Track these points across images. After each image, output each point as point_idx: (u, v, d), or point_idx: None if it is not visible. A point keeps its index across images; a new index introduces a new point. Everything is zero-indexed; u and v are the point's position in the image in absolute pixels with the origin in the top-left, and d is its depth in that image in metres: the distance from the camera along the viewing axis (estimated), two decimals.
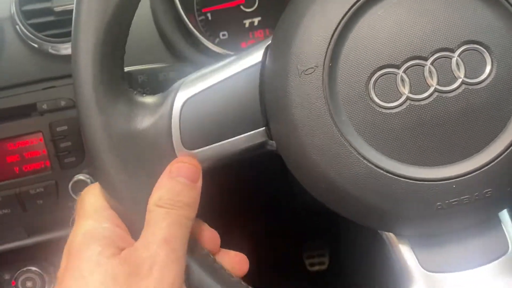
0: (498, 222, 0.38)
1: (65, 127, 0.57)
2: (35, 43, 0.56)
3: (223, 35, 0.63)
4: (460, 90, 0.34)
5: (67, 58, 0.55)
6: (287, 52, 0.35)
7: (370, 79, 0.34)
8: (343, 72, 0.34)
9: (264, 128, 0.38)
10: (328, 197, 0.36)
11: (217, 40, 0.63)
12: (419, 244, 0.38)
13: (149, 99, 0.38)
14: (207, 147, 0.38)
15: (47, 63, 0.56)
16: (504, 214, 0.38)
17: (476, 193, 0.34)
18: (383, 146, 0.34)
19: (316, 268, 0.98)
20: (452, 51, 0.33)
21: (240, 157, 0.39)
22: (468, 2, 0.34)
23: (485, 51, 0.33)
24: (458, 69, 0.34)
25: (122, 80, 0.37)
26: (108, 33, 0.35)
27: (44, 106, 0.57)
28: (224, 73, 0.38)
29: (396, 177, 0.34)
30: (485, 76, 0.34)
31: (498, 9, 0.34)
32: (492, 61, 0.33)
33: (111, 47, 0.36)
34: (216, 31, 0.63)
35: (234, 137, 0.37)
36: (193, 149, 0.37)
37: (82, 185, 0.58)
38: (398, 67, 0.34)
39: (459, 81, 0.34)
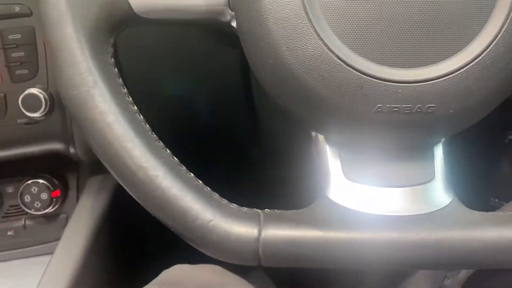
0: (430, 153, 0.37)
1: (18, 35, 0.53)
2: None
3: None
4: None
5: None
6: None
7: None
8: None
9: None
10: (273, 75, 0.34)
11: None
12: (346, 152, 0.37)
13: None
14: None
15: None
16: (438, 148, 0.37)
17: (419, 105, 0.32)
18: (342, 32, 0.32)
19: None
20: None
21: (189, 23, 0.38)
22: None
23: None
24: None
25: None
26: None
27: None
28: None
29: (345, 66, 0.32)
30: None
31: None
32: None
33: None
34: None
35: None
36: None
37: (34, 100, 0.54)
38: None
39: None
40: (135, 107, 0.36)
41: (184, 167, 0.36)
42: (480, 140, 0.75)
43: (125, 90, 0.36)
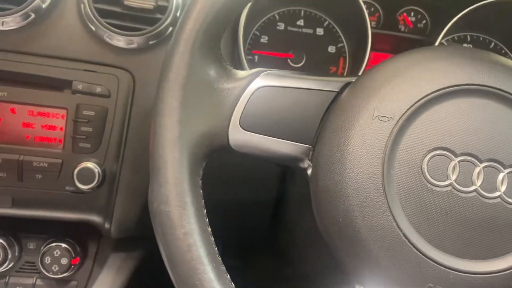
0: None
1: (92, 113, 0.57)
2: (93, 26, 0.57)
3: None
4: (495, 201, 0.37)
5: (117, 50, 0.57)
6: (368, 97, 0.39)
7: (428, 154, 0.37)
8: (409, 137, 0.37)
9: (310, 147, 0.41)
10: (338, 232, 0.39)
11: None
12: None
13: (232, 69, 0.43)
14: (257, 134, 0.41)
15: (97, 48, 0.57)
16: None
17: None
18: (411, 213, 0.37)
19: None
20: (504, 166, 0.37)
21: (273, 160, 0.42)
22: None
23: None
24: (501, 184, 0.37)
25: (218, 49, 0.42)
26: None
27: (79, 86, 0.57)
28: (303, 84, 0.42)
29: (409, 244, 0.36)
30: None
31: None
32: None
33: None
34: None
35: (282, 139, 0.41)
36: (245, 129, 0.41)
37: (87, 173, 0.57)
38: (455, 155, 0.37)
39: (498, 194, 0.37)
40: (209, 229, 0.39)
41: None
42: None
43: (205, 211, 0.40)
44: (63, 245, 0.63)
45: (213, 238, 0.39)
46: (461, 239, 0.37)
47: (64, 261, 0.62)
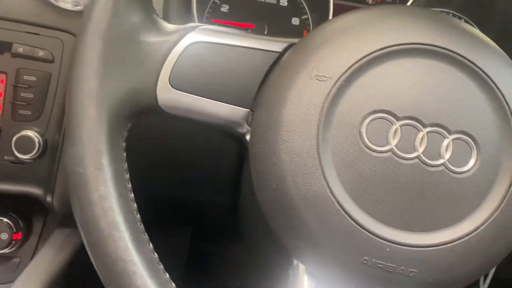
0: None
1: (33, 78, 0.54)
2: None
3: None
4: (438, 169, 0.34)
5: (62, 12, 0.54)
6: (307, 57, 0.35)
7: (368, 117, 0.34)
8: (348, 99, 0.34)
9: (249, 111, 0.38)
10: (272, 199, 0.36)
11: None
12: None
13: (164, 22, 0.39)
14: (189, 94, 0.38)
15: (41, 10, 0.54)
16: None
17: (402, 267, 0.34)
18: (347, 181, 0.34)
19: None
20: (449, 133, 0.34)
21: (209, 125, 0.39)
22: (474, 94, 0.35)
23: (475, 148, 0.34)
24: (446, 151, 0.34)
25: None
26: None
27: (20, 49, 0.53)
28: (244, 42, 0.39)
29: (343, 212, 0.34)
30: (466, 169, 0.34)
31: (498, 111, 0.35)
32: (476, 160, 0.34)
33: None
34: None
35: (218, 101, 0.38)
36: (176, 88, 0.38)
37: (27, 142, 0.54)
38: (397, 118, 0.34)
39: (441, 161, 0.34)
40: (132, 194, 0.36)
41: (162, 266, 0.36)
42: None
43: (128, 175, 0.36)
44: (4, 219, 0.59)
45: (135, 205, 0.36)
46: (400, 209, 0.34)
47: (5, 236, 0.59)
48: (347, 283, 0.36)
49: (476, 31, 0.38)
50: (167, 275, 0.36)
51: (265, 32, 0.64)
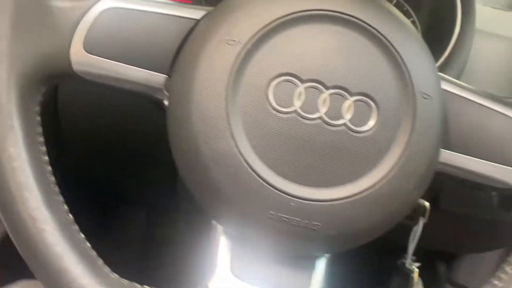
0: (311, 265, 0.40)
1: None
2: None
3: None
4: (339, 129, 0.36)
5: None
6: (219, 22, 0.37)
7: (274, 80, 0.36)
8: (255, 62, 0.36)
9: (166, 76, 0.39)
10: (187, 161, 0.37)
11: None
12: (239, 248, 0.39)
13: None
14: (104, 59, 0.38)
15: None
16: (321, 262, 0.41)
17: (306, 221, 0.36)
18: (254, 139, 0.35)
19: None
20: (350, 94, 0.36)
21: (126, 91, 0.39)
22: (375, 58, 0.37)
23: (376, 109, 0.36)
24: (347, 112, 0.36)
25: None
26: None
27: None
28: (162, 9, 0.39)
29: (250, 170, 0.35)
30: (366, 129, 0.36)
31: (398, 75, 0.37)
32: (376, 120, 0.36)
33: None
34: None
35: (135, 66, 0.38)
36: (90, 53, 0.38)
37: None
38: (302, 81, 0.36)
39: (342, 121, 0.36)
40: (46, 157, 0.37)
41: (76, 227, 0.36)
42: (371, 261, 0.79)
43: (42, 139, 0.37)
44: None
45: (50, 168, 0.37)
46: (304, 166, 0.36)
47: None
48: (257, 238, 0.38)
49: (383, 1, 0.40)
50: (82, 235, 0.36)
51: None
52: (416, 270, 0.64)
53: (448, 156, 0.40)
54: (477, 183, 0.41)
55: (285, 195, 0.35)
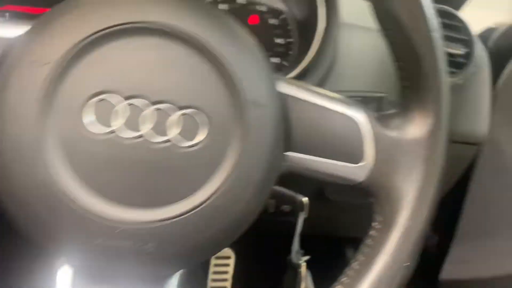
0: (163, 284, 0.39)
1: None
2: None
3: None
4: (166, 145, 0.35)
5: None
6: (29, 42, 0.35)
7: (90, 100, 0.34)
8: (68, 83, 0.34)
9: None
10: (4, 194, 0.34)
11: None
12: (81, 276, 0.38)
13: None
14: None
15: None
16: (172, 280, 0.40)
17: (140, 244, 0.34)
18: (73, 165, 0.34)
19: None
20: (175, 108, 0.35)
21: None
22: (201, 69, 0.36)
23: (207, 121, 0.35)
24: (173, 126, 0.35)
25: None
26: None
27: None
28: None
29: (69, 198, 0.33)
30: (195, 142, 0.35)
31: (227, 85, 0.36)
32: (207, 133, 0.35)
33: None
34: None
35: None
36: None
37: None
38: (121, 99, 0.34)
39: (168, 137, 0.35)
40: None
41: None
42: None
43: None
44: None
45: None
46: (131, 188, 0.34)
47: None
48: (96, 267, 0.36)
49: (212, 9, 0.39)
50: None
51: None
52: (304, 264, 0.65)
53: (295, 159, 0.40)
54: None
55: (111, 220, 0.34)
